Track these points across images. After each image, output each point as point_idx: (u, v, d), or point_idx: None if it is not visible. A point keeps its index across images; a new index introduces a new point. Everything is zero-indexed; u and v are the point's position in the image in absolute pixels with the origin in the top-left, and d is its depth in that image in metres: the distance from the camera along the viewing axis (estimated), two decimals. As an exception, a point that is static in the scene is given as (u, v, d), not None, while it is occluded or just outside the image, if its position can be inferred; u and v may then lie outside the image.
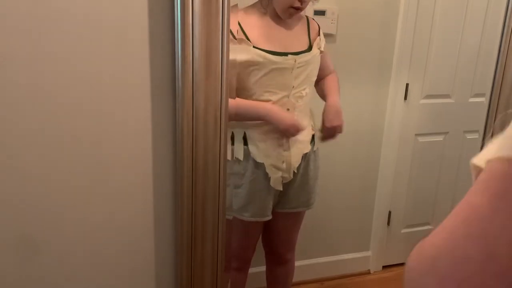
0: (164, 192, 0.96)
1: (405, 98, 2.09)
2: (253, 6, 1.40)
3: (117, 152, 0.92)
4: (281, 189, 1.45)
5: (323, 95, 1.54)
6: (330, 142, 1.53)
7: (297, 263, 1.78)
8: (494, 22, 2.01)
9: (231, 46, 1.27)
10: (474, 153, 0.36)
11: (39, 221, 0.91)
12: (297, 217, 1.61)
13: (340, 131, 1.49)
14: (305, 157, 1.47)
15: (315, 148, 1.51)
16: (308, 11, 1.82)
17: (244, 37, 1.32)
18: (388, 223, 2.27)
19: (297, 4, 1.32)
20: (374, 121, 2.10)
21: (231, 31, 1.27)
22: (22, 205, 0.89)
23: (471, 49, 2.11)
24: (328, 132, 1.48)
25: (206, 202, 0.95)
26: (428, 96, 2.13)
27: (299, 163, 1.45)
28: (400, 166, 2.19)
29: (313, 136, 1.49)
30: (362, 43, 1.96)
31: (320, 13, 1.84)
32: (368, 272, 2.31)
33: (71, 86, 0.85)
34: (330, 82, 1.55)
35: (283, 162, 1.41)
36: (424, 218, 2.34)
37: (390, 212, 2.26)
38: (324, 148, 1.57)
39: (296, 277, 1.81)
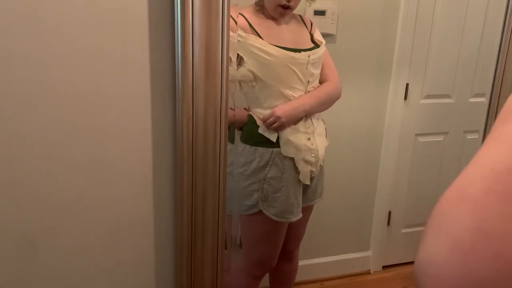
0: (164, 192, 0.96)
1: (405, 98, 2.09)
2: (251, 6, 1.40)
3: (117, 152, 0.92)
4: (309, 183, 1.47)
5: None
6: (331, 142, 1.54)
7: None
8: (494, 22, 2.01)
9: (245, 41, 1.29)
10: (474, 153, 0.36)
11: (39, 221, 0.91)
12: (310, 210, 1.62)
13: (275, 121, 1.38)
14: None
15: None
16: (308, 11, 1.82)
17: (255, 34, 1.33)
18: (388, 223, 2.27)
19: (284, 2, 1.33)
20: (374, 121, 2.10)
21: (232, 18, 1.27)
22: (22, 205, 0.89)
23: (471, 49, 2.11)
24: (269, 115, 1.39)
25: (206, 202, 0.95)
26: (428, 96, 2.13)
27: (323, 156, 1.48)
28: (400, 166, 2.19)
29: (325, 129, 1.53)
30: (362, 43, 1.96)
31: (320, 13, 1.84)
32: (368, 272, 2.31)
33: (70, 86, 0.85)
34: (319, 87, 1.47)
35: (313, 156, 1.43)
36: (424, 218, 2.32)
37: (390, 212, 2.26)
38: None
39: (296, 277, 1.81)
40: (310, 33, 1.49)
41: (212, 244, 0.99)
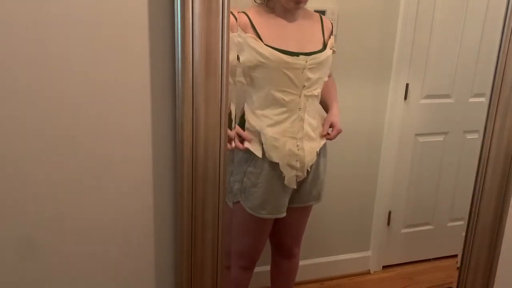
0: (164, 192, 0.96)
1: (405, 98, 2.09)
2: (260, 5, 1.40)
3: (117, 153, 0.92)
4: (295, 187, 1.47)
5: (324, 100, 1.56)
6: (331, 143, 1.55)
7: (297, 263, 1.78)
8: (494, 22, 2.00)
9: (243, 41, 1.29)
10: (474, 153, 0.35)
11: (39, 221, 0.91)
12: (306, 211, 1.62)
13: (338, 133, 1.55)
14: (317, 154, 1.49)
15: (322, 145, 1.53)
16: (308, 11, 1.82)
17: (255, 35, 1.33)
18: (388, 223, 2.27)
19: None
20: (374, 121, 2.10)
21: (233, 14, 1.26)
22: (22, 205, 0.89)
23: (471, 49, 2.11)
24: (334, 136, 1.53)
25: (206, 202, 0.95)
26: (428, 96, 2.13)
27: (313, 161, 1.47)
28: (400, 166, 2.19)
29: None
30: (362, 43, 1.96)
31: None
32: (368, 272, 2.31)
33: (70, 86, 0.85)
34: (332, 88, 1.57)
35: (297, 161, 1.42)
36: (424, 218, 2.33)
37: (390, 212, 2.26)
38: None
39: (296, 277, 1.81)
40: (328, 35, 1.47)
41: (212, 244, 0.99)
